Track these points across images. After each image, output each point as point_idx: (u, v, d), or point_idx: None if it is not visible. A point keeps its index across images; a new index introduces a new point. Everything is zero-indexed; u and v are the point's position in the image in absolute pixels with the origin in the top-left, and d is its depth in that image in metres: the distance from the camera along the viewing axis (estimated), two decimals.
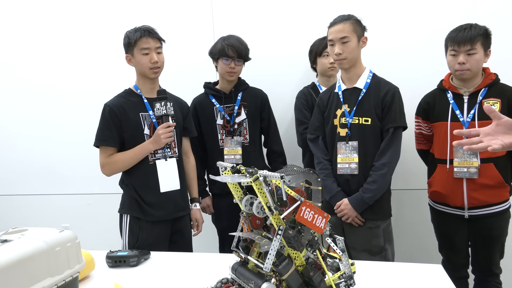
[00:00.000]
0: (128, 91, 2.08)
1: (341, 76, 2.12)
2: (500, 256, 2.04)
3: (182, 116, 2.15)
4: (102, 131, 2.00)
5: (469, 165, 1.95)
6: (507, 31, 2.33)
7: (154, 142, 1.93)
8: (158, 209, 1.99)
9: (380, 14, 2.55)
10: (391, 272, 1.38)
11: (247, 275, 1.01)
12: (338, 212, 2.02)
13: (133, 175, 2.02)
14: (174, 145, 2.05)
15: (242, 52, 2.25)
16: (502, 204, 1.97)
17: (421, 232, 2.52)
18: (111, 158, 2.00)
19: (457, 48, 1.91)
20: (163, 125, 1.92)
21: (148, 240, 1.98)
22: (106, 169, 2.03)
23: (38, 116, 3.20)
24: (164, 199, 2.00)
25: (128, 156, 1.98)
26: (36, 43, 3.13)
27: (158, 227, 2.00)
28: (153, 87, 2.06)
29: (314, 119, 2.22)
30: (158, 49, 2.01)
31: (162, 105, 1.90)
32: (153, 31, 2.00)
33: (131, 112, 2.00)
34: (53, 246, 1.07)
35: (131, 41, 1.98)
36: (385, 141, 1.98)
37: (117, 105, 2.00)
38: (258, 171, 0.95)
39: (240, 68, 2.31)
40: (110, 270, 1.53)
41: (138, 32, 1.97)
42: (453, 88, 2.01)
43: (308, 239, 0.97)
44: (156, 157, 2.00)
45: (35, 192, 3.28)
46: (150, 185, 1.99)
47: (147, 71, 2.00)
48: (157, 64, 1.99)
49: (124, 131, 1.99)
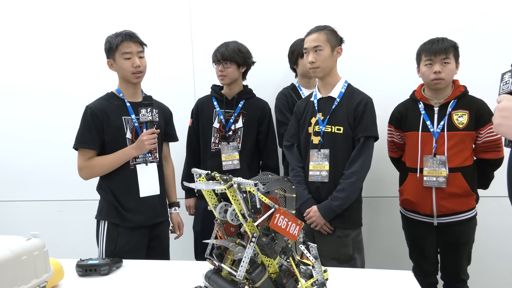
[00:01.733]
0: (110, 95, 2.05)
1: (318, 85, 2.16)
2: (467, 262, 2.11)
3: (164, 121, 2.13)
4: (83, 133, 1.95)
5: (438, 174, 2.01)
6: (475, 45, 2.43)
7: (137, 148, 1.91)
8: (137, 215, 1.97)
9: (358, 26, 2.62)
10: (363, 279, 1.41)
11: (221, 283, 1.01)
12: (307, 219, 2.04)
13: (112, 180, 1.98)
14: (155, 150, 2.03)
15: (225, 55, 2.25)
16: (469, 212, 2.04)
17: (393, 239, 2.57)
18: (90, 162, 1.96)
19: (432, 57, 1.98)
20: (148, 131, 1.90)
21: (127, 246, 1.94)
22: (84, 173, 1.98)
23: (5, 120, 3.09)
24: (143, 204, 1.97)
25: (109, 161, 1.94)
26: (9, 47, 3.05)
27: (136, 233, 1.97)
28: (135, 91, 2.05)
29: (290, 126, 2.25)
30: (140, 53, 1.98)
31: (148, 111, 1.88)
32: (134, 35, 1.98)
33: (114, 115, 1.97)
34: (19, 255, 1.04)
35: (112, 46, 1.95)
36: (356, 150, 2.02)
37: (99, 108, 1.97)
38: (233, 178, 0.95)
39: (231, 70, 2.29)
40: (80, 279, 1.49)
41: (119, 36, 1.95)
42: (424, 99, 2.08)
43: (282, 246, 0.98)
44: (136, 161, 1.98)
45: (4, 198, 3.16)
46: (130, 190, 1.96)
47: (129, 75, 1.97)
48: (139, 69, 1.96)
49: (106, 134, 1.96)
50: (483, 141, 2.01)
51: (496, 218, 2.50)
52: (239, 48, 2.30)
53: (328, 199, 2.01)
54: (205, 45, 2.78)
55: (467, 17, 2.51)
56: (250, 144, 2.36)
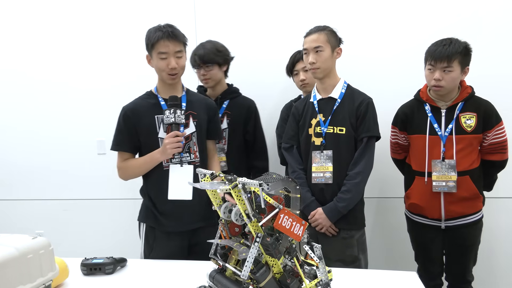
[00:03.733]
0: (148, 93, 1.96)
1: (316, 86, 2.15)
2: (473, 263, 2.10)
3: (207, 117, 1.97)
4: (116, 135, 1.93)
5: (448, 179, 1.97)
6: (481, 44, 2.41)
7: (162, 153, 1.80)
8: (172, 220, 1.84)
9: (357, 25, 2.61)
10: (367, 280, 1.40)
11: (225, 283, 1.01)
12: (312, 222, 2.03)
13: (149, 182, 1.91)
14: (196, 149, 1.90)
15: (205, 57, 2.19)
16: (476, 214, 2.03)
17: (396, 240, 2.56)
18: (125, 163, 1.92)
19: (433, 63, 1.93)
20: (170, 134, 1.78)
21: (163, 251, 1.83)
22: (120, 174, 1.95)
23: (14, 120, 3.12)
24: (179, 208, 1.83)
25: (139, 164, 1.89)
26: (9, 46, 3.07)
27: (173, 239, 1.85)
28: (172, 88, 1.93)
29: (288, 128, 2.22)
30: (178, 53, 1.84)
31: (171, 113, 1.78)
32: (174, 34, 1.82)
33: (146, 115, 1.87)
34: (25, 253, 1.05)
35: (150, 43, 1.84)
36: (359, 150, 2.01)
37: (132, 108, 1.90)
38: (237, 178, 0.95)
39: (214, 72, 2.24)
40: (85, 278, 1.50)
41: (158, 33, 1.81)
42: (430, 101, 2.05)
43: (286, 247, 0.98)
44: (171, 162, 1.85)
45: (8, 197, 3.18)
46: (164, 192, 1.84)
47: (164, 76, 1.86)
48: (174, 70, 1.84)
49: (140, 134, 1.88)
50: (489, 143, 1.99)
51: (499, 219, 2.48)
52: (217, 47, 2.23)
53: (334, 201, 2.00)
54: None
55: (471, 14, 2.48)
56: (237, 145, 2.31)
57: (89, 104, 3.01)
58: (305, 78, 2.34)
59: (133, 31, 2.87)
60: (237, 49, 2.54)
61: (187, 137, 1.87)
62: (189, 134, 1.88)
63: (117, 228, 2.85)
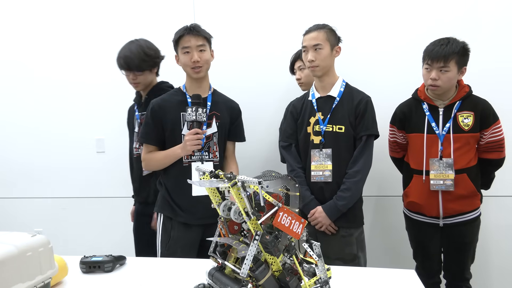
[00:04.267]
0: (176, 90, 2.07)
1: (315, 84, 2.15)
2: (471, 261, 2.11)
3: (229, 119, 2.07)
4: (144, 128, 2.02)
5: (445, 177, 1.99)
6: (479, 43, 2.42)
7: (182, 148, 1.91)
8: (188, 213, 1.96)
9: (356, 24, 2.62)
10: (366, 278, 1.40)
11: (224, 281, 1.01)
12: (312, 220, 2.04)
13: (168, 176, 2.01)
14: (216, 149, 2.00)
15: (131, 65, 2.13)
16: (474, 212, 2.04)
17: (394, 238, 2.57)
18: (148, 155, 2.01)
19: (430, 63, 1.94)
20: (191, 131, 1.87)
21: (181, 241, 1.96)
22: (144, 165, 2.06)
23: (13, 118, 3.12)
24: (195, 203, 1.94)
25: (161, 157, 1.98)
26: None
27: (189, 230, 1.96)
28: (200, 85, 2.02)
29: (287, 126, 2.22)
30: (201, 47, 1.94)
31: (193, 111, 1.85)
32: (195, 29, 1.93)
33: (172, 111, 1.97)
34: (24, 251, 1.05)
35: (174, 40, 1.97)
36: (358, 148, 2.02)
37: (159, 104, 1.99)
38: (237, 176, 0.96)
39: (144, 77, 2.18)
40: (84, 276, 1.50)
41: (181, 30, 1.94)
42: (428, 100, 2.06)
43: (285, 245, 0.98)
44: (192, 159, 1.96)
45: (7, 195, 3.18)
46: (182, 187, 1.94)
47: (189, 70, 1.96)
48: (198, 64, 1.93)
49: (165, 129, 1.98)
50: (487, 141, 2.00)
51: (497, 217, 2.49)
52: (144, 51, 2.14)
53: (333, 199, 2.00)
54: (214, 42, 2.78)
55: (470, 13, 2.49)
56: None
57: (89, 103, 3.01)
58: (300, 77, 2.35)
59: (133, 30, 2.86)
60: (238, 47, 2.55)
61: (208, 137, 1.97)
62: (210, 134, 1.97)
63: (116, 226, 2.86)
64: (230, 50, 2.75)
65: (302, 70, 2.35)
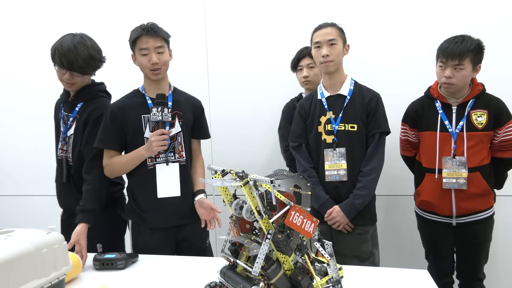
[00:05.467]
0: (135, 92, 1.98)
1: (323, 83, 2.13)
2: (485, 261, 2.08)
3: (193, 117, 1.99)
4: (102, 133, 1.90)
5: (458, 176, 1.97)
6: (494, 41, 2.37)
7: (147, 149, 1.82)
8: (155, 216, 1.88)
9: (364, 22, 2.59)
10: (378, 277, 1.40)
11: (236, 279, 1.01)
12: (329, 220, 2.03)
13: (132, 180, 1.94)
14: (182, 149, 1.92)
15: (74, 67, 1.86)
16: (488, 211, 2.01)
17: (406, 238, 2.55)
18: (110, 160, 1.91)
19: (445, 61, 1.91)
20: (156, 132, 1.79)
21: (146, 246, 1.88)
22: (107, 171, 1.91)
23: (25, 117, 3.17)
24: (161, 205, 1.87)
25: (125, 160, 1.89)
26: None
27: (157, 234, 1.89)
28: (159, 87, 1.94)
29: (296, 126, 2.19)
30: (159, 48, 1.86)
31: (158, 111, 1.79)
32: (153, 30, 1.85)
33: (133, 114, 1.89)
34: (39, 248, 1.07)
35: (131, 40, 1.88)
36: (372, 146, 2.01)
37: (119, 107, 1.91)
38: (249, 175, 0.96)
39: (81, 79, 1.95)
40: (97, 273, 1.52)
41: (138, 30, 1.85)
42: (441, 98, 2.03)
43: (297, 244, 0.98)
44: (156, 161, 1.88)
45: (23, 193, 3.23)
46: (147, 190, 1.88)
47: (147, 71, 1.88)
48: (156, 66, 1.85)
49: (126, 133, 1.90)
50: (500, 140, 1.97)
51: (510, 217, 2.44)
52: (92, 54, 1.90)
53: (350, 198, 1.99)
54: (219, 43, 2.79)
55: (481, 11, 2.43)
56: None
57: None
58: (308, 75, 2.33)
59: None
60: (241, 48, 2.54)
61: (172, 137, 1.89)
62: (174, 134, 1.90)
63: None
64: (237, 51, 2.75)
65: (311, 68, 2.33)
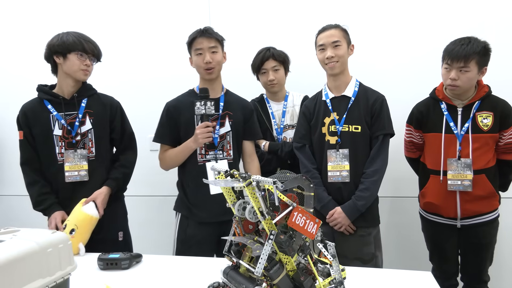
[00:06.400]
0: (190, 91, 2.13)
1: (328, 84, 2.14)
2: (489, 263, 2.07)
3: (243, 118, 2.11)
4: (159, 128, 2.10)
5: (463, 177, 1.96)
6: (500, 43, 2.35)
7: (194, 141, 1.95)
8: (203, 211, 2.01)
9: (369, 23, 2.59)
10: (382, 279, 1.39)
11: (238, 279, 1.02)
12: (330, 221, 2.02)
13: (183, 175, 2.09)
14: (230, 148, 2.05)
15: (95, 52, 1.98)
16: (492, 213, 2.00)
17: (410, 239, 2.53)
18: (164, 154, 2.09)
19: (450, 63, 1.90)
20: (201, 124, 1.93)
21: (194, 239, 2.01)
22: (161, 164, 2.12)
23: None
24: (209, 201, 1.98)
25: (175, 153, 2.04)
26: None
27: (204, 228, 2.01)
28: (212, 87, 2.06)
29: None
30: (213, 48, 2.00)
31: (202, 104, 1.90)
32: (207, 31, 2.00)
33: (186, 112, 2.03)
34: (45, 247, 1.07)
35: (188, 43, 2.04)
36: (375, 148, 2.01)
37: (174, 105, 2.08)
38: (252, 176, 0.96)
39: (91, 69, 2.01)
40: (102, 273, 1.53)
41: (194, 33, 2.01)
42: (447, 99, 2.02)
43: (300, 244, 0.98)
44: (206, 158, 2.02)
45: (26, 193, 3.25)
46: (197, 186, 1.99)
47: (202, 71, 2.02)
48: (210, 65, 1.99)
49: (180, 129, 2.05)
50: (505, 142, 1.96)
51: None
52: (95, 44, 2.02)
53: (352, 199, 1.99)
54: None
55: (487, 13, 2.42)
56: (105, 146, 2.05)
57: None
58: (274, 78, 2.31)
59: (149, 32, 2.91)
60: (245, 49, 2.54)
61: (222, 136, 2.04)
62: (224, 133, 2.04)
63: (133, 224, 2.89)
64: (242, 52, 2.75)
65: (276, 71, 2.32)
